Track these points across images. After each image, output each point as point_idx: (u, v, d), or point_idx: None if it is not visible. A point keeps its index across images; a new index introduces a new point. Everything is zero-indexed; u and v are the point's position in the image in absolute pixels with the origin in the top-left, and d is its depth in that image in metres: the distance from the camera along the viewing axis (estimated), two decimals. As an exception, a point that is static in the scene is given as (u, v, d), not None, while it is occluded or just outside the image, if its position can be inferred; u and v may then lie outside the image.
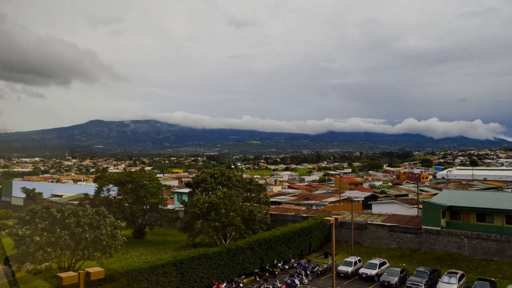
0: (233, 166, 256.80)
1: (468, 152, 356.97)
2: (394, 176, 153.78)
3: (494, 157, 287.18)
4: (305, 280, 35.44)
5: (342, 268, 37.62)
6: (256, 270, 37.50)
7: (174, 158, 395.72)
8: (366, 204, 67.87)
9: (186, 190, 61.53)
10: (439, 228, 41.73)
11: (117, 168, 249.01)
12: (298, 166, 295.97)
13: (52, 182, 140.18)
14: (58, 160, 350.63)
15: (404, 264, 39.84)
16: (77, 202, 62.97)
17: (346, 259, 39.19)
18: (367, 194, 77.16)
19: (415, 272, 34.63)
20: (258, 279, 35.71)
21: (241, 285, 34.13)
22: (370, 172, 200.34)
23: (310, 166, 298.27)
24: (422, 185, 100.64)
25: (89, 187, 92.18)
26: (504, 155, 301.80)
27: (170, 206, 66.48)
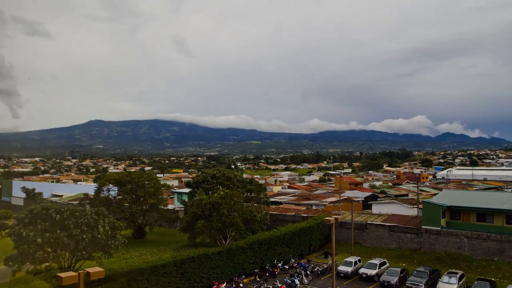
0: (233, 166, 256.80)
1: (468, 152, 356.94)
2: (394, 176, 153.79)
3: (494, 157, 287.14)
4: (305, 280, 35.41)
5: (342, 268, 37.58)
6: (256, 270, 37.50)
7: (174, 158, 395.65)
8: (366, 204, 67.86)
9: (186, 190, 61.50)
10: (439, 228, 41.71)
11: (117, 168, 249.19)
12: (298, 166, 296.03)
13: (52, 182, 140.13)
14: (58, 160, 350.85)
15: (404, 264, 39.82)
16: (77, 202, 62.92)
17: (346, 259, 39.15)
18: (367, 194, 77.13)
19: (415, 272, 34.59)
20: (258, 279, 35.69)
21: (241, 285, 34.10)
22: (370, 172, 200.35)
23: (310, 166, 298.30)
24: (422, 185, 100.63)
25: (89, 187, 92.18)
26: (504, 155, 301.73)
27: (170, 206, 66.46)
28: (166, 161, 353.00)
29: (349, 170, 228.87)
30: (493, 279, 33.84)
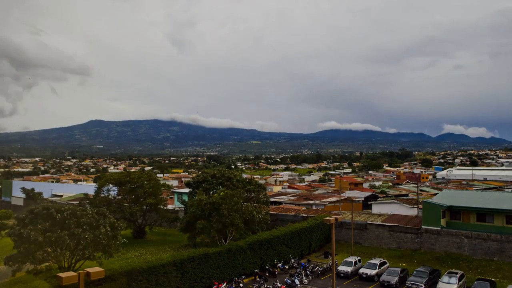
0: (233, 166, 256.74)
1: (468, 152, 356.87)
2: (394, 176, 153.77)
3: (494, 157, 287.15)
4: (305, 280, 35.41)
5: (342, 268, 37.59)
6: (256, 270, 37.47)
7: (174, 158, 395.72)
8: (366, 204, 67.86)
9: (186, 190, 61.52)
10: (439, 228, 41.72)
11: (117, 168, 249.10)
12: (298, 166, 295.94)
13: (52, 182, 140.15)
14: (58, 160, 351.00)
15: (404, 264, 39.84)
16: (77, 202, 62.92)
17: (346, 259, 39.16)
18: (367, 194, 77.11)
19: (415, 272, 34.59)
20: (258, 279, 35.67)
21: (241, 285, 34.10)
22: (370, 172, 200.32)
23: (310, 166, 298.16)
24: (422, 185, 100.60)
25: (89, 187, 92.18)
26: (504, 155, 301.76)
27: (170, 206, 66.44)
28: (166, 161, 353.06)
29: (349, 170, 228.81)
30: (493, 279, 33.85)
